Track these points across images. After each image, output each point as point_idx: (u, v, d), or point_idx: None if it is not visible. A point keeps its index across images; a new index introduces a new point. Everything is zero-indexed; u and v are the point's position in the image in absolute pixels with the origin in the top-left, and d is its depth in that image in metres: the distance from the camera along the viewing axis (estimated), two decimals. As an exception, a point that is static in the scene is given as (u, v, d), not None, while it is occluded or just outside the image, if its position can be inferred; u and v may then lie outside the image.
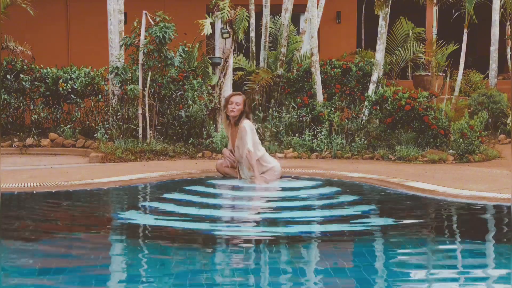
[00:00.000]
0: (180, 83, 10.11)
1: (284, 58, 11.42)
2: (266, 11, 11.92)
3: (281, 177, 7.07)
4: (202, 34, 9.48)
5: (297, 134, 9.85)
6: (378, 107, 9.84)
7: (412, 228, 5.01)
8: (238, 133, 6.85)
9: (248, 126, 6.80)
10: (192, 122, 9.93)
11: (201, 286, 3.49)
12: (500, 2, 13.48)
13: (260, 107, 10.74)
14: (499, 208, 5.43)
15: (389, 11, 10.71)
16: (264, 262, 4.00)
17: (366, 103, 10.08)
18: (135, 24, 9.80)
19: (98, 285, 3.48)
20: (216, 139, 9.38)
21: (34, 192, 6.15)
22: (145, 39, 9.64)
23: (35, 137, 10.03)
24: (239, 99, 6.87)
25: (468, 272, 3.83)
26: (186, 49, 10.02)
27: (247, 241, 4.61)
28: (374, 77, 10.37)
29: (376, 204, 5.96)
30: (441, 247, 4.42)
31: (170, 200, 5.90)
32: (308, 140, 9.54)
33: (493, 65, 13.63)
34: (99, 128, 9.80)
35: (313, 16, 10.72)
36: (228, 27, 9.72)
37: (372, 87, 10.29)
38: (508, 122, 11.65)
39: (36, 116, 10.39)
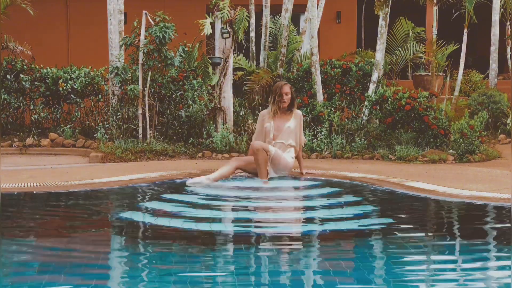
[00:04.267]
0: (180, 83, 10.11)
1: (284, 58, 11.42)
2: (266, 11, 11.93)
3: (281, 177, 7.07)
4: (202, 34, 9.48)
5: (297, 134, 9.84)
6: (378, 107, 9.84)
7: (412, 228, 5.01)
8: (292, 117, 7.15)
9: (301, 114, 7.28)
10: (192, 122, 9.93)
11: (201, 286, 3.49)
12: (500, 2, 13.48)
13: (260, 107, 10.73)
14: (499, 208, 5.42)
15: (389, 11, 10.71)
16: (264, 262, 4.00)
17: (366, 103, 10.09)
18: (135, 24, 9.80)
19: (98, 285, 3.48)
20: (216, 139, 9.38)
21: (34, 192, 6.15)
22: (145, 39, 9.64)
23: (35, 137, 10.03)
24: (288, 88, 7.14)
25: (467, 272, 3.83)
26: (186, 49, 10.02)
27: (247, 241, 4.61)
28: (374, 77, 10.37)
29: (376, 204, 5.96)
30: (441, 247, 4.42)
31: (170, 200, 5.89)
32: (308, 140, 9.54)
33: (493, 65, 13.63)
34: (99, 128, 9.80)
35: (313, 16, 10.72)
36: (228, 27, 9.72)
37: (372, 87, 10.30)
38: (508, 122, 11.65)
39: (36, 116, 10.39)
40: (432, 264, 4.00)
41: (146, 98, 9.67)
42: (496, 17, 13.41)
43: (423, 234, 4.86)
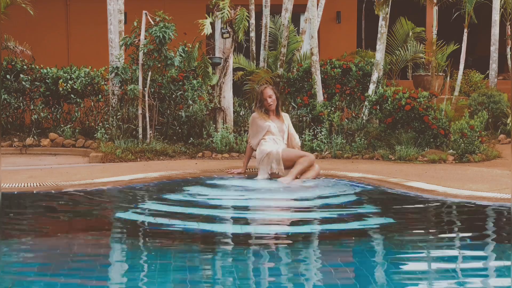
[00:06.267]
0: (180, 83, 10.11)
1: (284, 58, 11.42)
2: (266, 11, 11.93)
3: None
4: (202, 34, 9.49)
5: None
6: (378, 107, 9.84)
7: (412, 228, 5.01)
8: (284, 120, 7.24)
9: (288, 115, 7.47)
10: (192, 122, 9.93)
11: (201, 286, 3.49)
12: (500, 2, 13.49)
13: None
14: (499, 208, 5.42)
15: (389, 11, 10.71)
16: (264, 262, 4.00)
17: (366, 103, 10.09)
18: (135, 24, 9.80)
19: (97, 285, 3.48)
20: (216, 139, 9.38)
21: (34, 192, 6.15)
22: (145, 39, 9.64)
23: (35, 137, 10.03)
24: (270, 91, 7.08)
25: (467, 272, 3.83)
26: (186, 49, 10.02)
27: (247, 241, 4.61)
28: (374, 77, 10.37)
29: (376, 204, 5.96)
30: (441, 247, 4.42)
31: (170, 200, 5.90)
32: (308, 140, 9.54)
33: (493, 65, 13.64)
34: (99, 128, 9.80)
35: (313, 16, 10.72)
36: (228, 27, 9.72)
37: (372, 87, 10.30)
38: (508, 122, 11.65)
39: (36, 116, 10.39)
40: (432, 264, 4.00)
41: (146, 98, 9.67)
42: (496, 17, 13.42)
43: (423, 234, 4.86)
